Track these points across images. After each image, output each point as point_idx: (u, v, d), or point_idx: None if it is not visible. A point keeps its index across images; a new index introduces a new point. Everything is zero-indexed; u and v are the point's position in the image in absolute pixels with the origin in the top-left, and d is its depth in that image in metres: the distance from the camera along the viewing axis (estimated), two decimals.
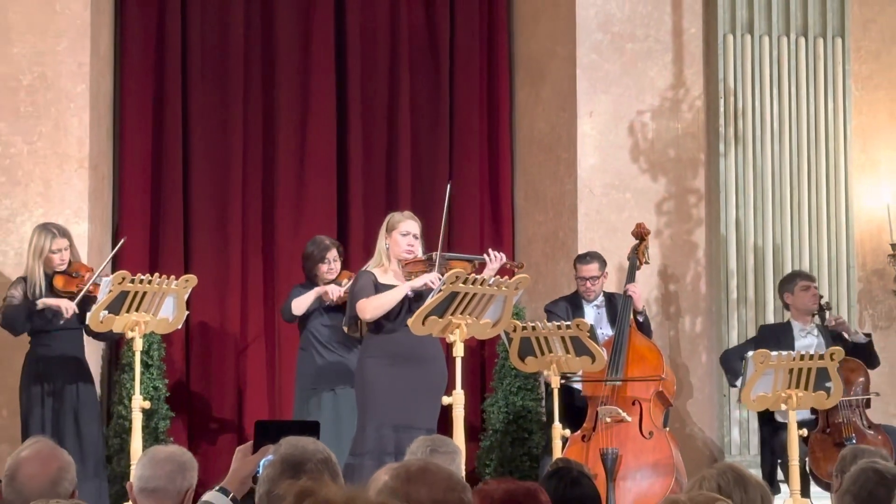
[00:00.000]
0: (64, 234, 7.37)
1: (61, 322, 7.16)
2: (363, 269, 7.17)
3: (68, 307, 7.14)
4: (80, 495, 6.78)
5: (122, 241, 7.59)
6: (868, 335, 8.10)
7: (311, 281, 7.85)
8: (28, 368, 7.37)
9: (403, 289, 6.90)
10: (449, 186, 7.38)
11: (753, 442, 8.42)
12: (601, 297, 8.06)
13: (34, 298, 7.22)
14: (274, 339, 8.76)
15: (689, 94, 8.77)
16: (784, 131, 8.73)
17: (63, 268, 7.28)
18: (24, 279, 7.34)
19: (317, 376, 7.73)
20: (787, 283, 8.13)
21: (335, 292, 7.66)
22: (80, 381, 7.34)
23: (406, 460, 3.02)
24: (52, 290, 7.26)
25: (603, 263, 8.05)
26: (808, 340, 7.84)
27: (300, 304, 7.71)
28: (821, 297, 8.09)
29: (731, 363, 7.89)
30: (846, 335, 7.87)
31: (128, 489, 4.06)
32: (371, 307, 6.93)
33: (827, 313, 8.01)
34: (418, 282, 6.89)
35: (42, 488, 3.53)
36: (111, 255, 7.51)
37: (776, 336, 7.87)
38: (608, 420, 7.39)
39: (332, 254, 7.80)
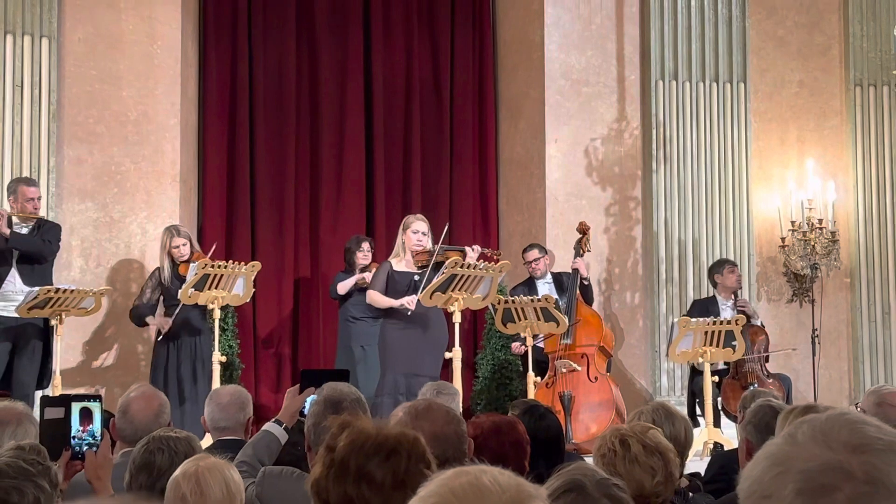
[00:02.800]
0: (181, 233, 7.32)
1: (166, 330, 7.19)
2: (385, 260, 7.23)
3: (164, 325, 7.16)
4: (193, 421, 6.77)
5: (213, 246, 7.55)
6: (762, 324, 8.08)
7: (349, 265, 7.95)
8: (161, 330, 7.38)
9: (395, 302, 6.90)
10: (447, 226, 7.36)
11: (677, 387, 8.43)
12: (549, 276, 8.02)
13: (164, 283, 7.23)
14: (318, 310, 8.76)
15: (630, 125, 8.76)
16: (701, 154, 8.71)
17: (184, 259, 7.25)
18: (158, 269, 7.34)
19: (352, 337, 7.77)
20: (718, 267, 8.08)
21: (369, 278, 7.71)
22: (198, 341, 7.26)
23: (415, 400, 3.00)
24: (177, 275, 7.23)
25: (541, 249, 8.02)
26: (728, 312, 7.82)
27: (344, 286, 7.85)
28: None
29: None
30: (749, 316, 7.81)
31: (202, 422, 4.05)
32: (371, 298, 7.07)
33: (739, 293, 8.00)
34: (396, 302, 6.88)
35: (147, 420, 3.52)
36: (210, 253, 7.38)
37: (706, 307, 7.85)
38: (564, 370, 7.39)
39: (366, 245, 7.98)
